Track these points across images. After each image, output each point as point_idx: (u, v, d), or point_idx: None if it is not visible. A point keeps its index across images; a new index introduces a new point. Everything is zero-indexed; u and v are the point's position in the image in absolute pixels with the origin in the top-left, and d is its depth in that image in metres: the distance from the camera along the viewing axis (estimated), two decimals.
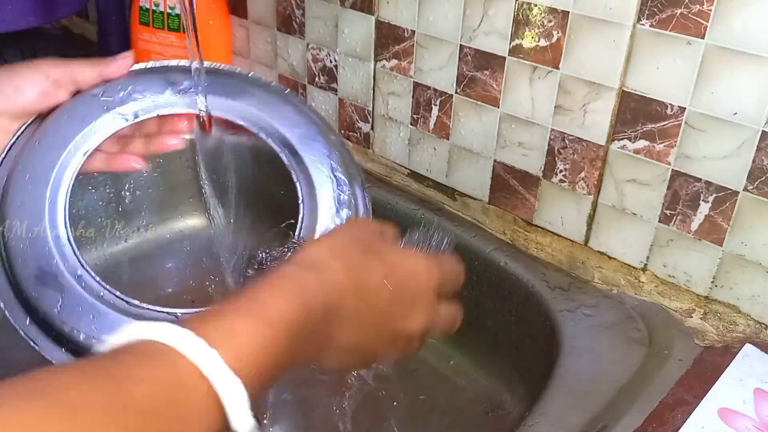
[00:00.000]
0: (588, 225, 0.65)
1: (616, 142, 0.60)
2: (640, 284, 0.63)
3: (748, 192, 0.54)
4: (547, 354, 0.60)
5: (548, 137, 0.65)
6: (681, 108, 0.55)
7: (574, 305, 0.63)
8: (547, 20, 0.61)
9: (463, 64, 0.68)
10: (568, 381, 0.54)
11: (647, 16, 0.55)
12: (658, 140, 0.57)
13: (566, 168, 0.64)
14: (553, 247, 0.68)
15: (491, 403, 0.71)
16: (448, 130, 0.73)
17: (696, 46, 0.53)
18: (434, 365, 0.76)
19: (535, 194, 0.68)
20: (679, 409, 0.50)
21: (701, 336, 0.59)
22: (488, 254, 0.70)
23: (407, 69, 0.74)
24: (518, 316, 0.68)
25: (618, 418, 0.50)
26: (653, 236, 0.61)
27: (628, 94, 0.58)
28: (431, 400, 0.73)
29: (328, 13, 0.79)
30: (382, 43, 0.75)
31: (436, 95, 0.72)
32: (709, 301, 0.59)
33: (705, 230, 0.57)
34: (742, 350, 0.56)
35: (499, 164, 0.70)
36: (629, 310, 0.62)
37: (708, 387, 0.52)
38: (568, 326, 0.60)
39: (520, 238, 0.71)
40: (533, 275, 0.67)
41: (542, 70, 0.63)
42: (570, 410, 0.51)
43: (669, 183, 0.58)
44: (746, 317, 0.58)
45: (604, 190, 0.63)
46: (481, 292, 0.71)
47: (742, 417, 0.49)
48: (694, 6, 0.52)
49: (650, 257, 0.62)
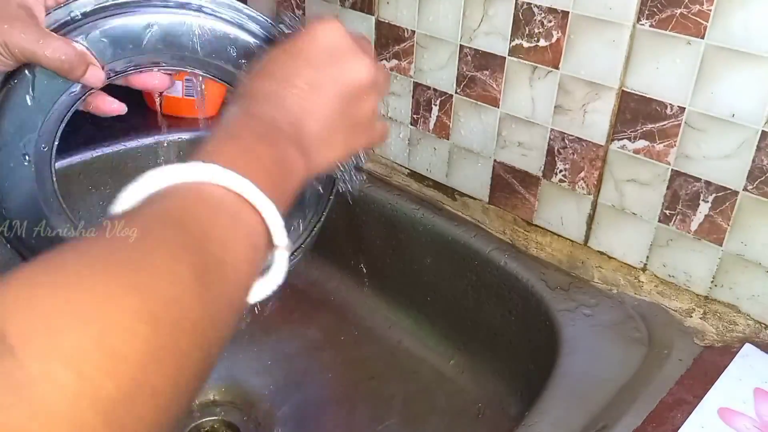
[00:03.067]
0: (588, 225, 0.65)
1: (616, 142, 0.60)
2: (639, 284, 0.63)
3: (747, 192, 0.54)
4: (547, 354, 0.60)
5: (548, 137, 0.65)
6: (681, 108, 0.55)
7: (574, 305, 0.63)
8: (547, 20, 0.61)
9: (463, 64, 0.68)
10: (568, 381, 0.54)
11: (647, 16, 0.55)
12: (658, 140, 0.57)
13: (566, 168, 0.64)
14: (553, 247, 0.68)
15: (491, 403, 0.71)
16: (448, 130, 0.73)
17: (696, 46, 0.53)
18: (434, 365, 0.76)
19: (535, 194, 0.68)
20: (679, 409, 0.50)
21: (701, 336, 0.59)
22: (488, 254, 0.70)
23: (407, 69, 0.74)
24: (518, 316, 0.68)
25: (618, 418, 0.50)
26: (653, 236, 0.61)
27: (628, 94, 0.58)
28: (431, 400, 0.73)
29: (328, 13, 0.79)
30: (382, 43, 0.75)
31: (436, 95, 0.72)
32: (709, 301, 0.59)
33: (705, 230, 0.58)
34: (742, 350, 0.56)
35: (499, 164, 0.70)
36: (629, 310, 0.62)
37: (708, 387, 0.52)
38: (568, 326, 0.60)
39: (520, 238, 0.71)
40: (533, 275, 0.67)
41: (542, 70, 0.63)
42: (570, 410, 0.51)
43: (669, 183, 0.58)
44: (746, 317, 0.58)
45: (604, 190, 0.63)
46: (481, 292, 0.71)
47: (742, 417, 0.49)
48: (694, 6, 0.52)
49: (650, 257, 0.62)
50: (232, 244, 0.30)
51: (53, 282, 0.23)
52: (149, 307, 0.24)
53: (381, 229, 0.80)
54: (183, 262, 0.27)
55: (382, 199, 0.78)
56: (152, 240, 0.27)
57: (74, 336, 0.22)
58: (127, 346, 0.23)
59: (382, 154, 0.81)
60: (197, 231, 0.29)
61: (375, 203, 0.79)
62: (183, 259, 0.27)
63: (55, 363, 0.21)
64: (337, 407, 0.74)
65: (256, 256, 0.32)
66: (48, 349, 0.21)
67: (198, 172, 0.31)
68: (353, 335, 0.81)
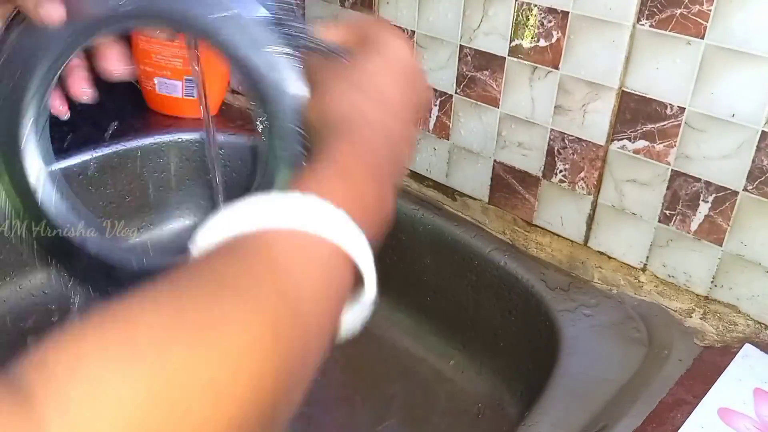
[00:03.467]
0: (588, 225, 0.65)
1: (616, 142, 0.60)
2: (639, 284, 0.63)
3: (747, 192, 0.54)
4: (547, 354, 0.60)
5: (548, 137, 0.65)
6: (681, 108, 0.55)
7: (574, 305, 0.63)
8: (546, 20, 0.61)
9: (463, 64, 0.68)
10: (568, 381, 0.54)
11: (647, 17, 0.55)
12: (658, 140, 0.57)
13: (566, 168, 0.64)
14: (553, 247, 0.68)
15: (491, 403, 0.71)
16: (448, 130, 0.73)
17: (696, 46, 0.53)
18: (434, 365, 0.76)
19: (534, 194, 0.68)
20: (679, 409, 0.50)
21: (701, 336, 0.59)
22: (488, 254, 0.70)
23: None
24: (518, 316, 0.68)
25: (618, 418, 0.50)
26: (653, 236, 0.61)
27: (628, 94, 0.58)
28: (431, 400, 0.73)
29: (328, 13, 0.79)
30: None
31: (436, 95, 0.72)
32: (709, 301, 0.60)
33: (705, 230, 0.58)
34: (742, 350, 0.56)
35: (499, 164, 0.70)
36: (629, 310, 0.62)
37: (708, 387, 0.52)
38: (568, 326, 0.60)
39: (519, 238, 0.71)
40: (533, 275, 0.67)
41: (542, 70, 0.63)
42: (570, 410, 0.51)
43: (669, 183, 0.58)
44: (746, 317, 0.58)
45: (604, 190, 0.63)
46: (481, 292, 0.71)
47: (742, 417, 0.50)
48: (694, 6, 0.52)
49: (650, 257, 0.62)
50: (324, 298, 0.27)
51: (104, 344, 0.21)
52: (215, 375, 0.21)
53: None
54: (266, 315, 0.24)
55: None
56: (232, 291, 0.24)
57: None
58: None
59: None
60: (288, 283, 0.26)
61: None
62: (267, 312, 0.24)
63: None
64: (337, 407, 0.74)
65: (341, 307, 0.29)
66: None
67: (303, 209, 0.27)
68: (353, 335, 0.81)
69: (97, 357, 0.20)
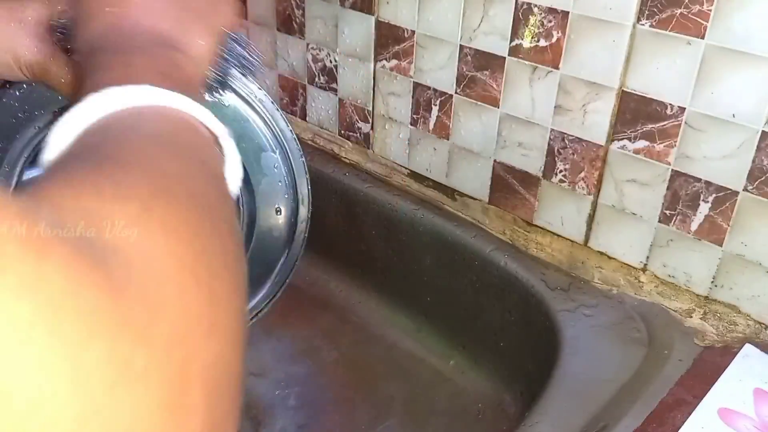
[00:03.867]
0: (588, 225, 0.65)
1: (616, 142, 0.60)
2: (640, 284, 0.63)
3: (747, 192, 0.54)
4: (547, 354, 0.60)
5: (548, 137, 0.65)
6: (681, 108, 0.55)
7: (574, 305, 0.63)
8: (547, 20, 0.61)
9: (463, 64, 0.68)
10: (568, 381, 0.54)
11: (647, 17, 0.55)
12: (658, 140, 0.57)
13: (566, 168, 0.64)
14: (553, 247, 0.68)
15: (491, 403, 0.71)
16: (448, 130, 0.73)
17: (696, 46, 0.53)
18: (434, 365, 0.76)
19: (535, 194, 0.68)
20: (679, 409, 0.50)
21: (701, 336, 0.59)
22: (488, 254, 0.70)
23: (407, 69, 0.74)
24: (518, 316, 0.68)
25: (618, 418, 0.50)
26: (653, 236, 0.61)
27: (628, 94, 0.58)
28: (431, 400, 0.73)
29: (328, 13, 0.79)
30: (382, 44, 0.75)
31: (436, 95, 0.72)
32: (709, 301, 0.59)
33: (705, 230, 0.58)
34: (742, 350, 0.56)
35: (499, 164, 0.70)
36: (629, 310, 0.62)
37: (708, 387, 0.52)
38: (568, 326, 0.60)
39: (520, 238, 0.71)
40: (533, 275, 0.67)
41: (542, 70, 0.63)
42: (570, 410, 0.51)
43: (669, 183, 0.58)
44: (746, 317, 0.58)
45: (604, 190, 0.63)
46: (481, 292, 0.71)
47: (742, 417, 0.49)
48: (694, 6, 0.52)
49: (650, 257, 0.62)
50: (215, 161, 0.30)
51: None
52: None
53: (381, 229, 0.80)
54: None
55: (382, 199, 0.78)
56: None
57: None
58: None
59: (382, 154, 0.81)
60: (196, 157, 0.29)
61: (375, 203, 0.79)
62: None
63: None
64: (337, 407, 0.74)
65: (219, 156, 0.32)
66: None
67: (147, 95, 0.29)
68: (353, 335, 0.81)
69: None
